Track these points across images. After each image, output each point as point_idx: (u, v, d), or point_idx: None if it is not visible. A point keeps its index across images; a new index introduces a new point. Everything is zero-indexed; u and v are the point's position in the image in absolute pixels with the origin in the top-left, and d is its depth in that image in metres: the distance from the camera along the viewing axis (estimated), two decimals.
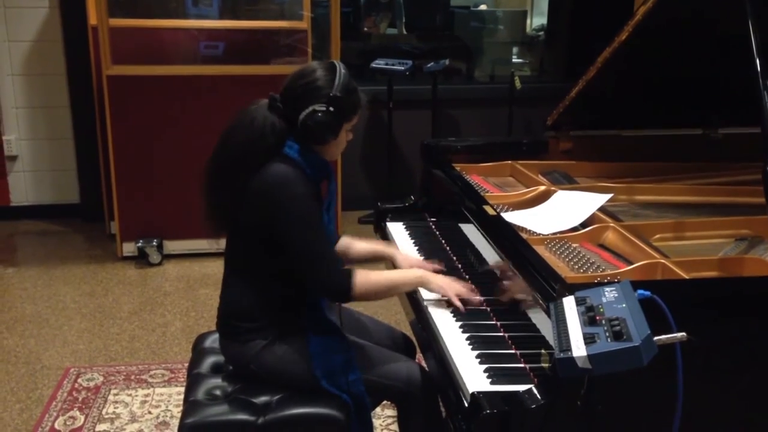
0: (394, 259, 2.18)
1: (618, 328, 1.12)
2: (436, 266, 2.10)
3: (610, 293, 1.24)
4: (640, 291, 1.23)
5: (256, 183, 1.84)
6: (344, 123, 1.90)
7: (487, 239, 1.92)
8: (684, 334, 1.15)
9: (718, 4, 1.93)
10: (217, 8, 5.17)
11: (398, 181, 4.85)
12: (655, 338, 1.12)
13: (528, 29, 7.05)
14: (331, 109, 1.83)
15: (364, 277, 1.86)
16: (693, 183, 2.39)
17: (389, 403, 2.40)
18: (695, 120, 2.64)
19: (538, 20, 6.98)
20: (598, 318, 1.18)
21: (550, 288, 1.49)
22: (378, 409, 2.61)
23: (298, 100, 1.85)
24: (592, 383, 1.23)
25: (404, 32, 6.45)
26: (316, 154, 1.91)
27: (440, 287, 1.93)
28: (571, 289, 1.38)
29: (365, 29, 6.35)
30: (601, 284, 1.30)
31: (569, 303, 1.25)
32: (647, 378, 1.24)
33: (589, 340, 1.12)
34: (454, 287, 1.93)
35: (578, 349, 1.11)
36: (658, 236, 1.99)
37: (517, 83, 4.87)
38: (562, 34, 6.05)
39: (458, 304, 1.89)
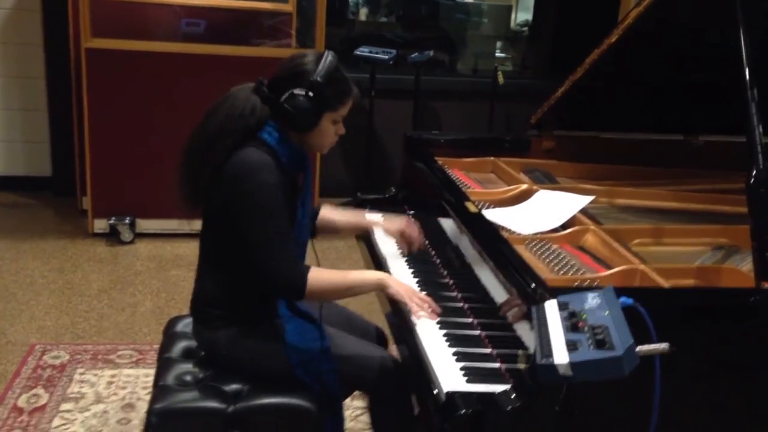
0: (377, 225, 2.20)
1: (601, 336, 1.12)
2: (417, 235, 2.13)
3: (593, 299, 1.24)
4: (623, 298, 1.23)
5: (228, 167, 1.81)
6: (326, 111, 1.85)
7: (468, 236, 1.91)
8: (667, 345, 1.15)
9: (710, 11, 1.93)
10: None
11: (377, 170, 4.83)
12: (638, 348, 1.12)
13: (512, 24, 7.05)
14: (311, 94, 1.80)
15: (319, 277, 1.82)
16: (673, 189, 2.40)
17: (360, 393, 2.40)
18: (678, 125, 2.65)
19: (522, 15, 6.98)
20: (580, 324, 1.17)
21: (531, 290, 1.48)
22: (347, 400, 2.60)
23: (282, 84, 1.84)
24: (570, 388, 1.22)
25: (395, 20, 6.41)
26: (294, 143, 1.88)
27: (398, 293, 1.87)
28: (552, 292, 1.38)
29: (351, 17, 6.30)
30: (584, 289, 1.30)
31: (551, 307, 1.24)
32: (625, 384, 1.24)
33: (571, 347, 1.11)
34: (412, 296, 1.88)
35: (560, 355, 1.10)
36: (637, 241, 2.00)
37: (500, 78, 4.86)
38: (547, 31, 6.06)
39: (415, 309, 1.84)
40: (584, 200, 2.11)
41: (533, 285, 1.47)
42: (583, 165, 2.56)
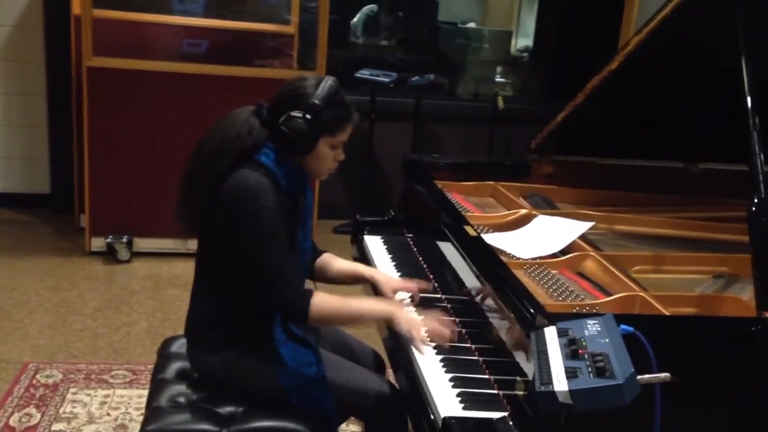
0: (376, 281, 2.09)
1: (601, 364, 1.10)
2: (421, 286, 2.05)
3: (592, 326, 1.22)
4: (623, 326, 1.21)
5: (225, 189, 1.79)
6: (323, 135, 1.84)
7: (465, 260, 1.89)
8: (668, 374, 1.13)
9: (711, 38, 1.94)
10: (202, 5, 5.12)
11: (376, 192, 4.83)
12: (639, 377, 1.11)
13: (512, 50, 7.09)
14: (308, 116, 1.80)
15: (323, 301, 1.80)
16: (672, 216, 2.39)
17: (355, 419, 2.37)
18: (678, 153, 2.65)
19: (522, 41, 7.03)
20: (580, 352, 1.15)
21: (530, 315, 1.47)
22: (343, 425, 2.57)
23: (281, 107, 1.84)
24: (569, 416, 1.20)
25: (395, 44, 6.44)
26: (293, 164, 1.87)
27: (408, 330, 1.82)
28: (551, 318, 1.36)
29: (353, 40, 6.33)
30: (583, 316, 1.28)
31: (551, 334, 1.23)
32: (624, 411, 1.22)
33: (571, 374, 1.10)
34: (420, 329, 1.82)
35: (560, 383, 1.08)
36: (637, 268, 1.99)
37: (500, 103, 4.88)
38: (546, 57, 6.09)
39: (420, 348, 1.78)
40: (584, 226, 2.11)
41: (532, 311, 1.46)
42: (583, 190, 2.56)
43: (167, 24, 4.65)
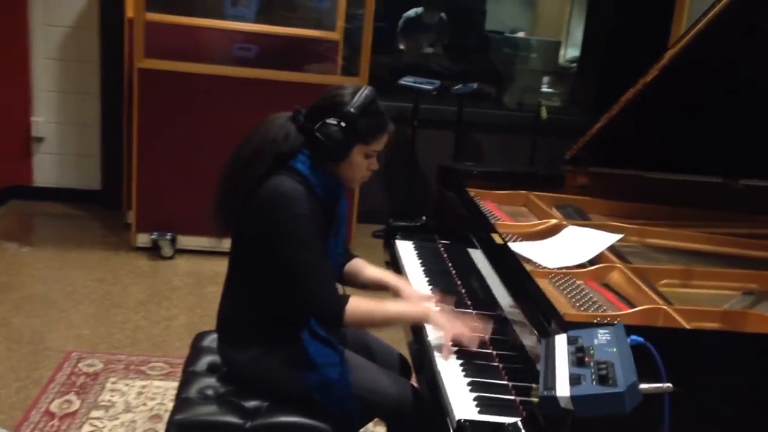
0: (401, 291, 2.08)
1: (604, 372, 1.12)
2: (444, 302, 2.04)
3: (602, 336, 1.24)
4: (633, 336, 1.23)
5: (260, 194, 1.83)
6: (357, 144, 1.87)
7: (490, 266, 1.92)
8: (670, 385, 1.15)
9: (751, 51, 1.92)
10: (254, 11, 5.22)
11: (416, 199, 4.86)
12: (641, 386, 1.12)
13: (561, 60, 7.05)
14: (342, 124, 1.83)
15: (357, 306, 1.83)
16: (707, 231, 2.37)
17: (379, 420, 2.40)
18: (717, 167, 2.63)
19: (572, 51, 6.99)
20: (587, 359, 1.17)
21: (547, 323, 1.49)
22: (370, 425, 2.61)
23: (318, 113, 1.87)
24: (575, 424, 1.22)
25: (441, 53, 6.48)
26: (328, 172, 1.90)
27: (443, 327, 1.84)
28: (566, 327, 1.38)
29: (400, 47, 6.39)
30: (595, 325, 1.30)
31: (561, 341, 1.25)
32: (633, 424, 1.24)
33: (574, 380, 1.12)
34: (456, 329, 1.83)
35: (562, 388, 1.10)
36: (664, 281, 1.98)
37: (543, 113, 4.87)
38: (594, 68, 6.04)
39: (448, 349, 1.79)
40: (612, 238, 2.11)
41: (548, 318, 1.48)
42: (617, 203, 2.55)
43: (217, 28, 4.77)
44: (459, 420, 1.50)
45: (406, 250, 2.52)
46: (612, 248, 2.13)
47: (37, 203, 4.78)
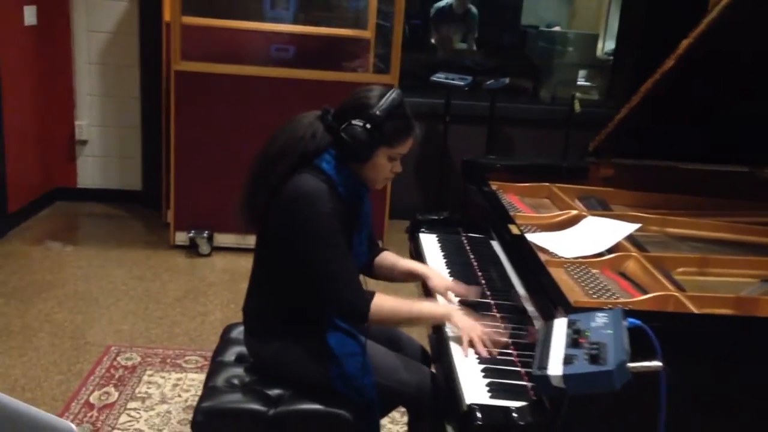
0: (428, 278, 2.13)
1: (596, 351, 1.15)
2: (470, 291, 2.05)
3: (600, 319, 1.27)
4: (631, 319, 1.25)
5: (284, 191, 1.87)
6: (381, 146, 1.89)
7: (505, 256, 1.95)
8: (660, 363, 1.17)
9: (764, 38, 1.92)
10: (292, 12, 5.31)
11: (448, 195, 4.89)
12: (630, 365, 1.15)
13: (599, 53, 7.00)
14: (368, 126, 1.86)
15: (382, 303, 1.86)
16: (730, 220, 2.36)
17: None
18: (742, 156, 2.61)
19: (610, 44, 6.93)
20: (581, 341, 1.20)
21: (555, 309, 1.52)
22: (397, 415, 2.66)
23: (345, 114, 1.90)
24: (574, 404, 1.25)
25: (474, 48, 6.50)
26: (352, 172, 1.92)
27: (463, 329, 1.84)
28: (571, 312, 1.41)
29: (432, 41, 6.42)
30: (594, 310, 1.32)
31: (560, 324, 1.28)
32: (630, 404, 1.26)
33: (567, 360, 1.15)
34: (477, 332, 1.83)
35: (555, 368, 1.14)
36: (681, 270, 1.99)
37: (577, 106, 4.85)
38: (629, 60, 5.98)
39: (467, 348, 1.80)
40: (630, 228, 2.12)
41: (556, 304, 1.51)
42: (640, 193, 2.55)
43: (254, 30, 4.86)
44: (470, 405, 1.54)
45: (429, 243, 2.56)
46: (631, 238, 2.14)
47: (81, 204, 4.94)
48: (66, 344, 3.18)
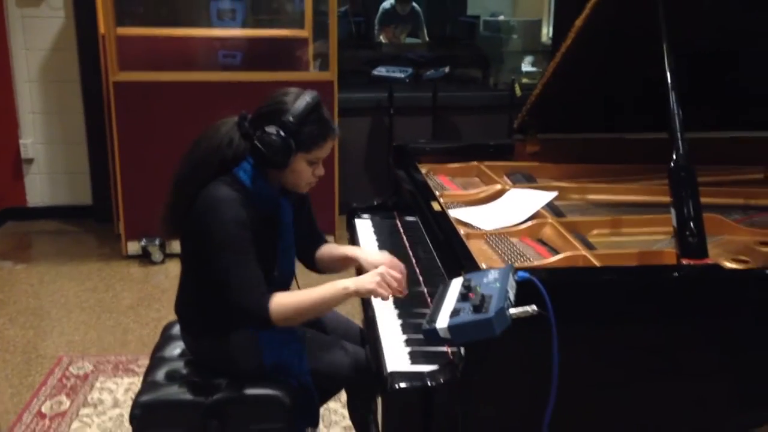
0: (358, 260, 2.11)
1: (479, 302, 1.21)
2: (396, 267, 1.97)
3: (492, 275, 1.33)
4: (520, 273, 1.32)
5: (198, 200, 1.87)
6: (298, 152, 1.88)
7: (422, 231, 2.01)
8: (535, 307, 1.23)
9: (639, 17, 1.99)
10: (240, 20, 5.32)
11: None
12: (510, 311, 1.21)
13: (544, 38, 7.12)
14: (282, 133, 1.84)
15: (281, 302, 1.83)
16: (647, 184, 2.44)
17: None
18: (657, 123, 2.69)
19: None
20: (471, 295, 1.27)
21: (461, 270, 1.58)
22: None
23: (260, 120, 1.89)
24: (469, 356, 1.31)
25: (426, 39, 6.59)
26: (269, 181, 1.93)
27: (369, 290, 1.82)
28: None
29: (381, 39, 6.49)
30: (490, 269, 1.39)
31: (456, 283, 1.34)
32: (526, 352, 1.33)
33: (454, 313, 1.21)
34: (374, 281, 1.81)
35: (442, 321, 1.20)
36: (595, 232, 2.07)
37: (518, 90, 4.95)
38: None
39: (382, 294, 1.80)
40: (548, 196, 2.19)
41: (462, 266, 1.57)
42: (564, 165, 2.63)
43: (196, 36, 4.88)
44: (390, 372, 1.59)
45: (364, 228, 2.61)
46: (551, 207, 2.22)
47: (32, 222, 4.92)
48: (17, 359, 3.18)
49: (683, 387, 1.55)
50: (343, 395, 2.57)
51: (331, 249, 2.24)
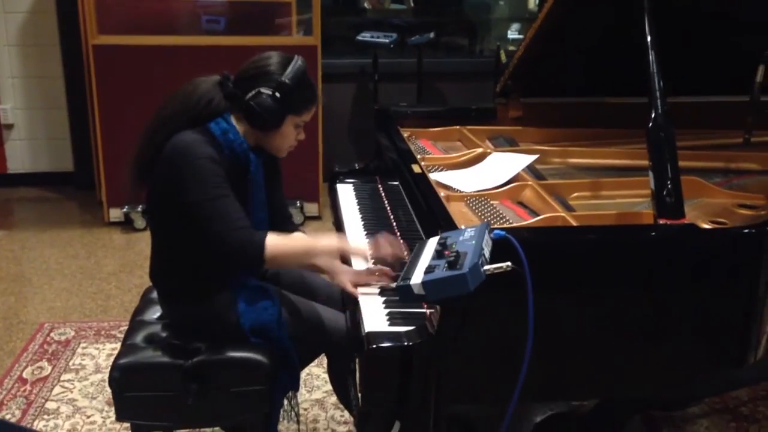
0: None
1: (453, 259, 1.21)
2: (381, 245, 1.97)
3: (468, 233, 1.32)
4: (496, 231, 1.31)
5: (165, 149, 1.84)
6: (289, 114, 1.89)
7: (403, 195, 2.00)
8: (509, 264, 1.23)
9: None
10: None
11: None
12: (485, 267, 1.21)
13: (531, 5, 7.06)
14: (277, 94, 1.85)
15: (276, 241, 1.82)
16: (628, 148, 2.44)
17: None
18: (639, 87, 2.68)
19: None
20: (446, 253, 1.26)
21: (438, 229, 1.57)
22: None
23: (247, 81, 1.88)
24: (445, 313, 1.31)
25: (411, 5, 6.50)
26: (239, 135, 1.90)
27: (341, 282, 1.85)
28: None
29: (365, 5, 6.41)
30: (466, 227, 1.38)
31: (432, 241, 1.34)
32: (502, 312, 1.33)
33: (429, 270, 1.21)
34: (360, 284, 1.83)
35: (417, 277, 1.19)
36: (575, 194, 2.06)
37: (503, 57, 4.91)
38: None
39: (377, 249, 1.90)
40: (529, 159, 2.19)
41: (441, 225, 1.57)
42: (546, 129, 2.62)
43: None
44: (368, 332, 1.59)
45: (345, 192, 2.60)
46: (532, 170, 2.21)
47: (12, 189, 4.87)
48: None
49: (659, 346, 1.57)
50: (324, 360, 2.59)
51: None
